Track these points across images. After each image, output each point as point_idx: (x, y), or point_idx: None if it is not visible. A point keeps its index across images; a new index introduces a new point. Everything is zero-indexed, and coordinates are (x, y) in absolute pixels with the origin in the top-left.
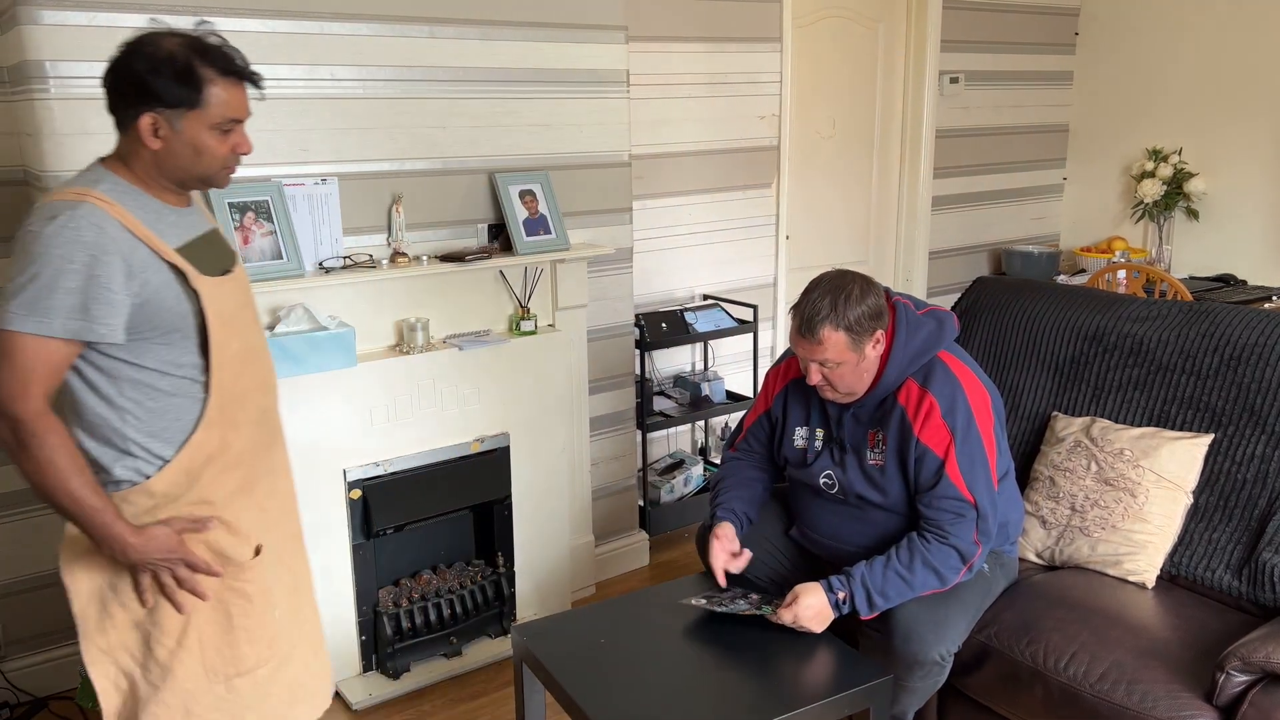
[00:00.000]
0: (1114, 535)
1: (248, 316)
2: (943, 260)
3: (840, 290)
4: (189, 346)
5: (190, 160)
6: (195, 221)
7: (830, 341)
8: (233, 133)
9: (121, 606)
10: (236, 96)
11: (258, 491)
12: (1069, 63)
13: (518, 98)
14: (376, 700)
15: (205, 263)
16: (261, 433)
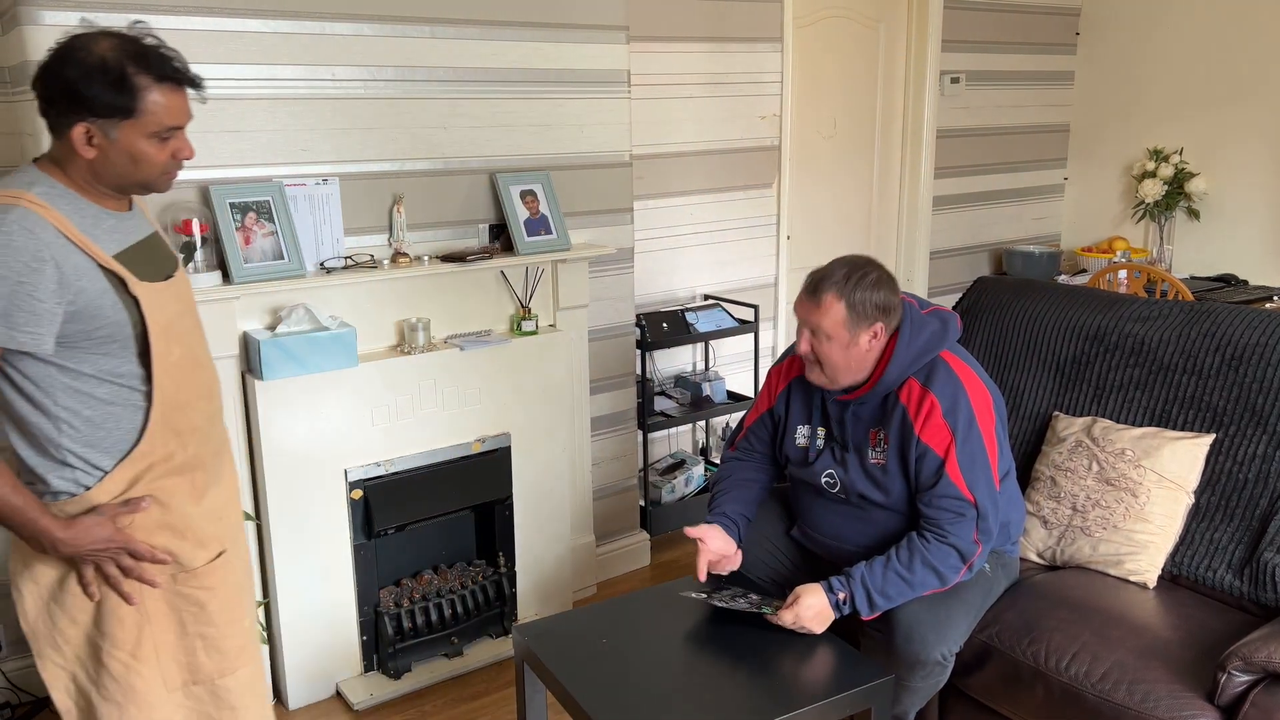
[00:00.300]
0: (1115, 535)
1: (189, 323)
2: (944, 260)
3: (859, 269)
4: (128, 355)
5: (128, 169)
6: (135, 226)
7: (829, 308)
8: (173, 139)
9: (71, 621)
10: (175, 102)
11: (210, 499)
12: (1070, 63)
13: (519, 98)
14: (377, 700)
15: (145, 269)
16: (208, 440)
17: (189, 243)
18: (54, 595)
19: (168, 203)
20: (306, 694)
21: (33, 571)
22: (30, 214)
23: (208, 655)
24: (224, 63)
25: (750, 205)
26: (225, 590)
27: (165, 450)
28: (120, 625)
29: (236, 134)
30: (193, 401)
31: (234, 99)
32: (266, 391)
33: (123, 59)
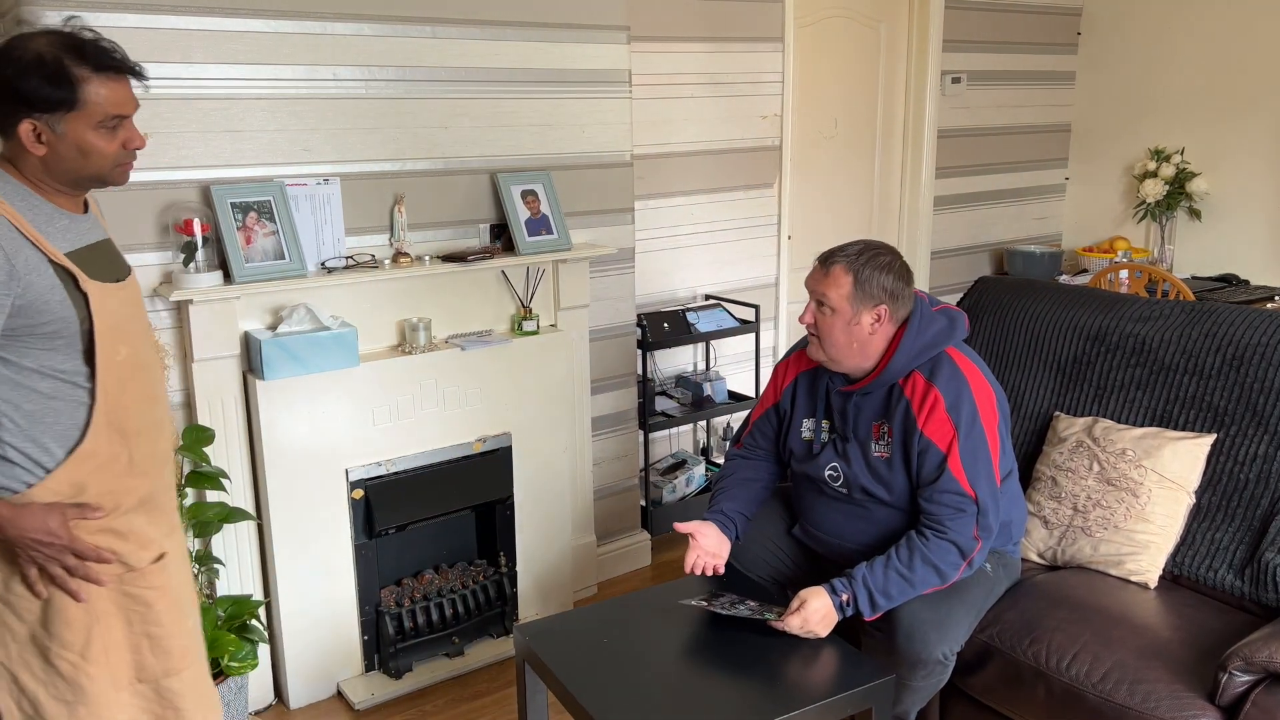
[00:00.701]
0: (1116, 535)
1: (138, 328)
2: (945, 260)
3: (874, 249)
4: (72, 352)
5: (78, 162)
6: (89, 229)
7: (836, 279)
8: (120, 129)
9: (18, 619)
10: (117, 92)
11: (160, 504)
12: (1071, 62)
13: (520, 98)
14: (378, 700)
15: (96, 270)
16: (153, 448)
17: (190, 242)
18: (1, 596)
19: (168, 203)
20: (307, 694)
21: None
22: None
23: (154, 655)
24: (225, 62)
25: (751, 205)
26: (170, 591)
27: (110, 451)
28: (68, 627)
29: (238, 134)
30: (137, 403)
31: (235, 99)
32: (268, 391)
33: (59, 53)
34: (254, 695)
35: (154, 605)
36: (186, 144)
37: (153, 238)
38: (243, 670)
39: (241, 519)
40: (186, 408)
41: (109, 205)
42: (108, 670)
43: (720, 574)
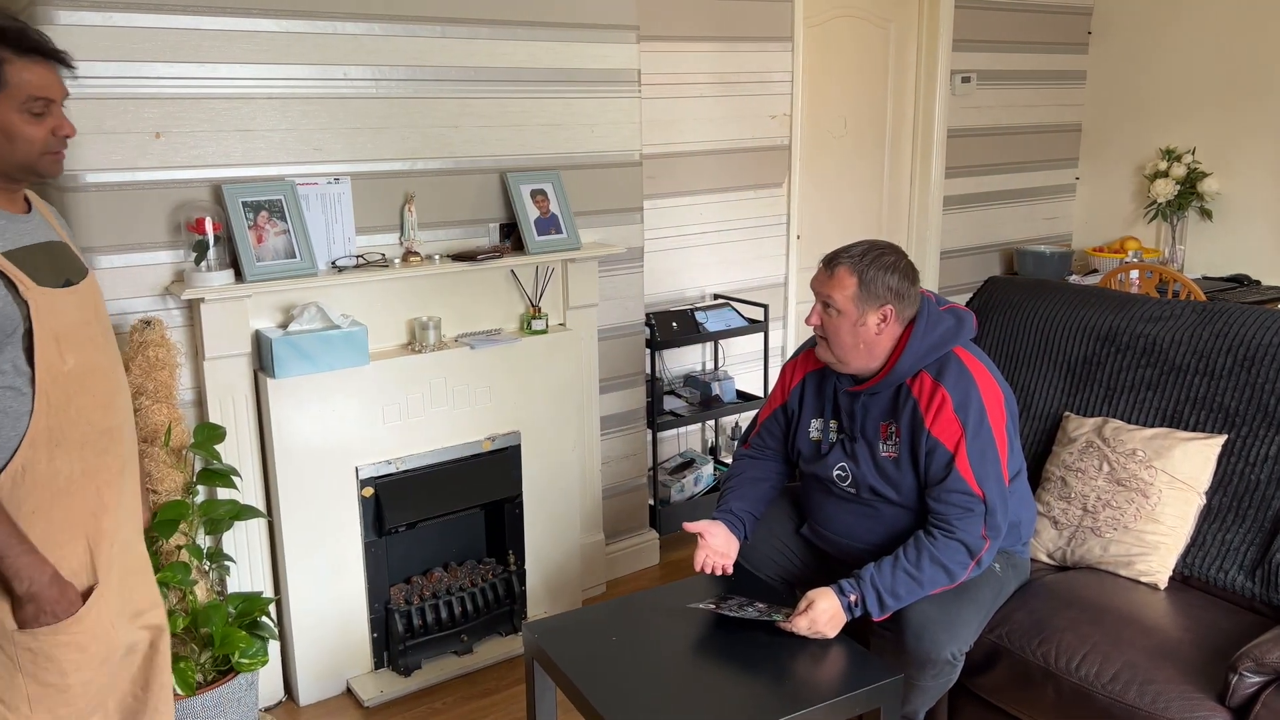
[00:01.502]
0: (1126, 536)
1: (92, 333)
2: (954, 260)
3: (878, 249)
4: (14, 355)
5: (6, 150)
6: (32, 229)
7: (841, 281)
8: (48, 115)
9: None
10: (41, 75)
11: (102, 523)
12: (1081, 62)
13: (529, 97)
14: (387, 697)
15: (41, 272)
16: (104, 459)
17: (202, 241)
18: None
19: (180, 202)
20: (317, 691)
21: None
22: None
23: (85, 697)
24: (237, 62)
25: (760, 205)
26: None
27: (50, 468)
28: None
29: (249, 133)
30: (86, 413)
31: (247, 98)
32: (278, 389)
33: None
34: (264, 692)
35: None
36: (198, 143)
37: (165, 236)
38: (253, 667)
39: (252, 516)
40: (198, 405)
41: (120, 204)
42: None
43: (729, 574)
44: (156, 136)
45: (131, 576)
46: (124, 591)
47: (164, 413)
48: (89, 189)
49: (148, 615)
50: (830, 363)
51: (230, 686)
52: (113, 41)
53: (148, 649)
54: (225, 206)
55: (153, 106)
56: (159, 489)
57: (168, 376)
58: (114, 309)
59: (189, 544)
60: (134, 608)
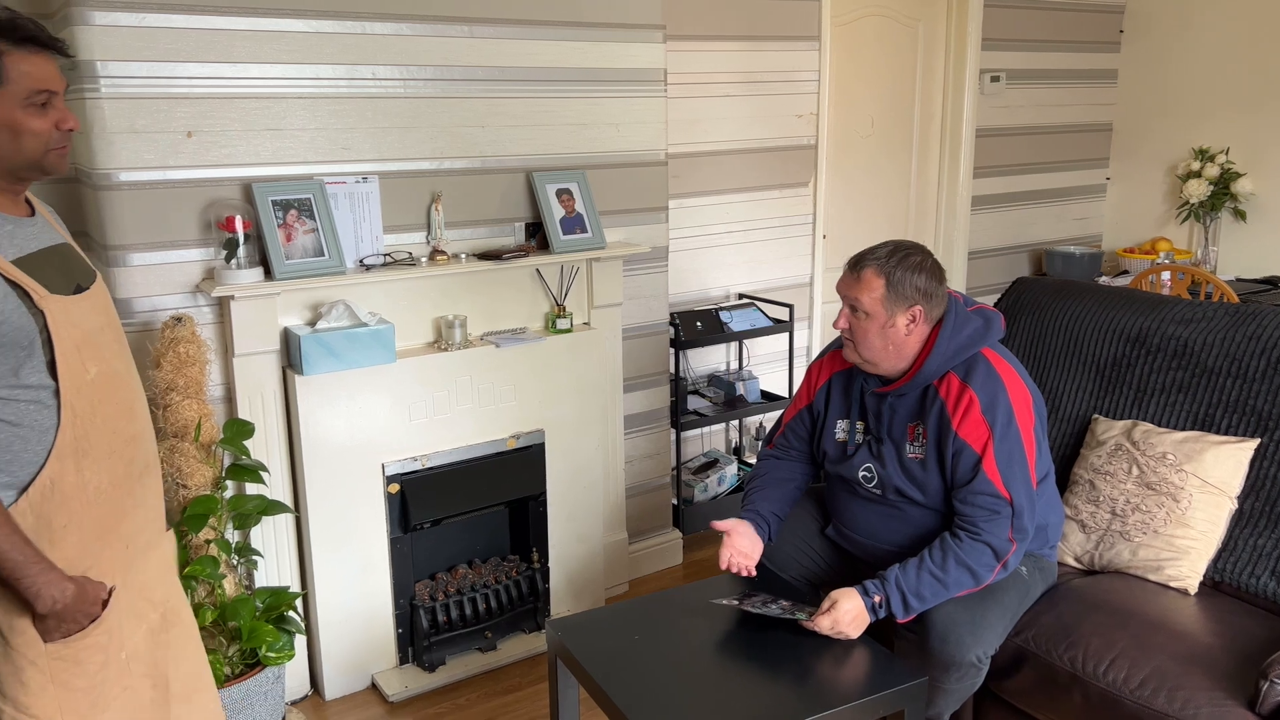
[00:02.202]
0: (1156, 540)
1: (109, 337)
2: (982, 260)
3: (904, 250)
4: (37, 366)
5: (10, 146)
6: (38, 233)
7: (868, 283)
8: (51, 107)
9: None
10: (40, 67)
11: (124, 526)
12: (1113, 60)
13: (556, 97)
14: (412, 693)
15: (51, 278)
16: (130, 467)
17: (232, 239)
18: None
19: (210, 200)
20: (342, 685)
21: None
22: None
23: (112, 694)
24: (267, 62)
25: (786, 204)
26: (108, 632)
27: (78, 479)
28: (24, 689)
29: (279, 132)
30: (110, 421)
31: (277, 98)
32: (307, 386)
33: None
34: (290, 686)
35: (108, 650)
36: (229, 142)
37: (195, 234)
38: (280, 661)
39: (279, 512)
40: (227, 401)
41: (152, 202)
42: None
43: (753, 575)
44: (188, 136)
45: (151, 577)
46: (143, 591)
47: (194, 408)
48: (122, 188)
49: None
50: (858, 364)
51: (257, 680)
52: (146, 42)
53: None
54: (255, 205)
55: (185, 106)
56: (189, 484)
57: (198, 373)
58: (146, 306)
59: (218, 538)
60: (161, 609)
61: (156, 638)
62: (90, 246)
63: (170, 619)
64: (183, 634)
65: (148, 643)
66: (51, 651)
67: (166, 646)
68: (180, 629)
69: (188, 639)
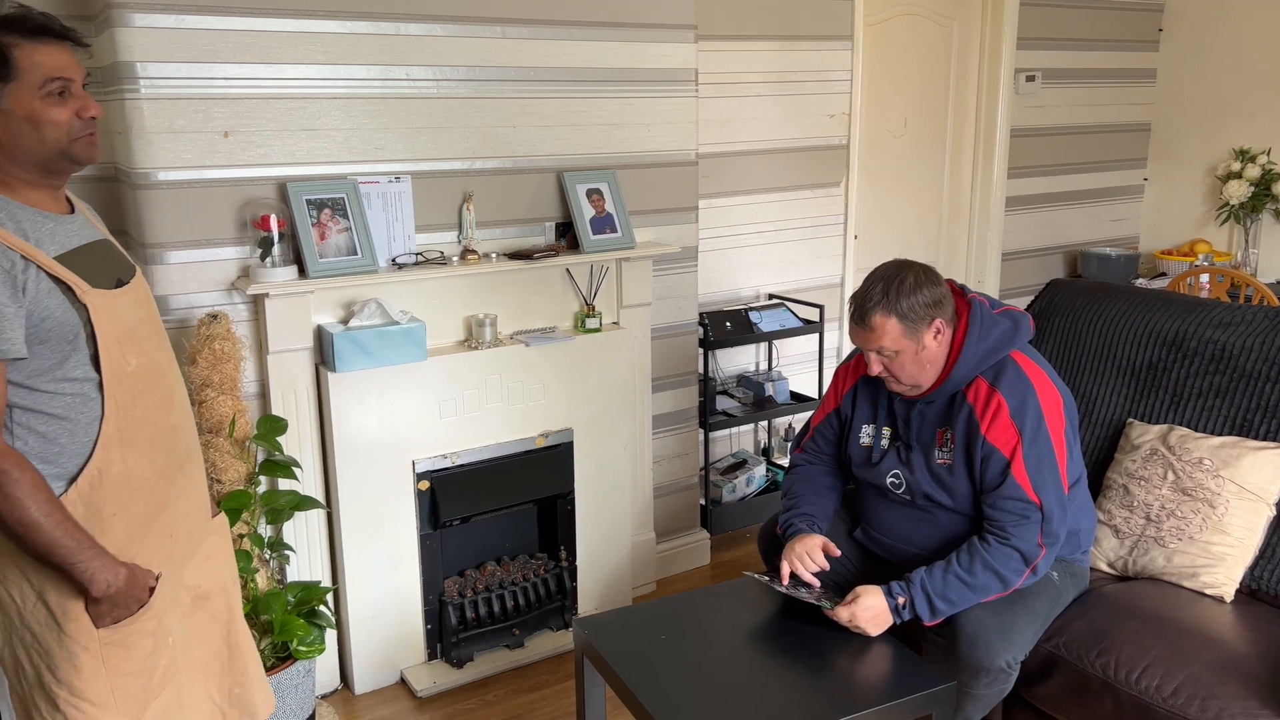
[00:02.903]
0: (1191, 546)
1: (148, 330)
2: (1016, 262)
3: (894, 278)
4: (80, 360)
5: (34, 138)
6: (78, 230)
7: (883, 328)
8: (69, 95)
9: (29, 659)
10: (54, 56)
11: (167, 514)
12: (1152, 60)
13: (587, 97)
14: (440, 688)
15: (93, 273)
16: (171, 456)
17: (267, 238)
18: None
19: (246, 199)
20: (372, 680)
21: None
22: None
23: (156, 680)
24: (303, 63)
25: (817, 204)
26: (155, 617)
27: (124, 468)
28: (77, 673)
29: (313, 132)
30: (151, 412)
31: (312, 98)
32: (339, 383)
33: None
34: (321, 680)
35: (154, 635)
36: (264, 142)
37: (231, 233)
38: (310, 654)
39: (311, 507)
40: (261, 398)
41: (189, 201)
42: (117, 714)
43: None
44: (225, 136)
45: (190, 564)
46: (182, 579)
47: (229, 404)
48: (160, 186)
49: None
50: (905, 393)
51: (288, 673)
52: (184, 43)
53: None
54: (290, 204)
55: (222, 106)
56: (223, 479)
57: (233, 369)
58: (182, 303)
59: (250, 533)
60: (192, 593)
61: (185, 619)
62: (129, 245)
63: (198, 601)
64: (208, 618)
65: (178, 624)
66: (103, 637)
67: (192, 628)
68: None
69: (213, 621)
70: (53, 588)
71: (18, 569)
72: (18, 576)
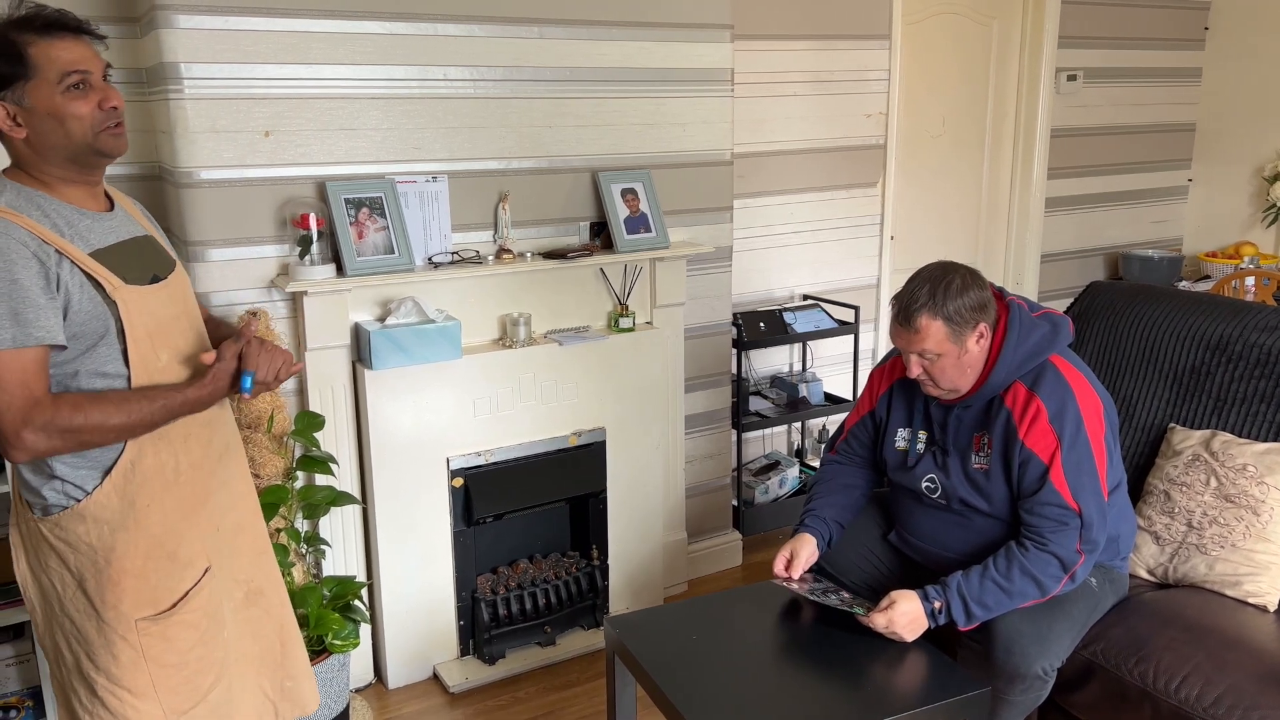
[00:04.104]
0: (1234, 554)
1: (183, 326)
2: (1056, 264)
3: (940, 280)
4: (113, 354)
5: (60, 133)
6: (117, 226)
7: (928, 331)
8: (89, 88)
9: (68, 647)
10: (70, 50)
11: (209, 508)
12: (1197, 59)
13: (622, 97)
14: (472, 684)
15: (128, 268)
16: (207, 450)
17: (306, 236)
18: (58, 621)
19: (286, 198)
20: (405, 675)
21: (38, 586)
22: (2, 219)
23: (204, 675)
24: (342, 63)
25: (853, 204)
26: (206, 613)
27: (156, 460)
28: (115, 661)
29: (352, 132)
30: None
31: (351, 98)
32: (375, 380)
33: (4, 29)
34: (355, 673)
35: (199, 626)
36: (304, 141)
37: (271, 231)
38: (345, 648)
39: (347, 503)
40: (299, 394)
41: (230, 200)
42: (158, 704)
43: (791, 578)
44: (266, 135)
45: (240, 558)
46: (231, 571)
47: (267, 400)
48: (203, 185)
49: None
50: (942, 397)
51: (323, 666)
52: (227, 44)
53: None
54: (328, 203)
55: (263, 107)
56: (261, 474)
57: None
58: (222, 300)
59: (288, 527)
60: (245, 587)
61: (238, 614)
62: (172, 242)
63: (253, 596)
64: (261, 613)
65: (231, 619)
66: (141, 628)
67: (246, 623)
68: (261, 607)
69: (267, 617)
70: (92, 576)
71: (59, 557)
72: (58, 564)
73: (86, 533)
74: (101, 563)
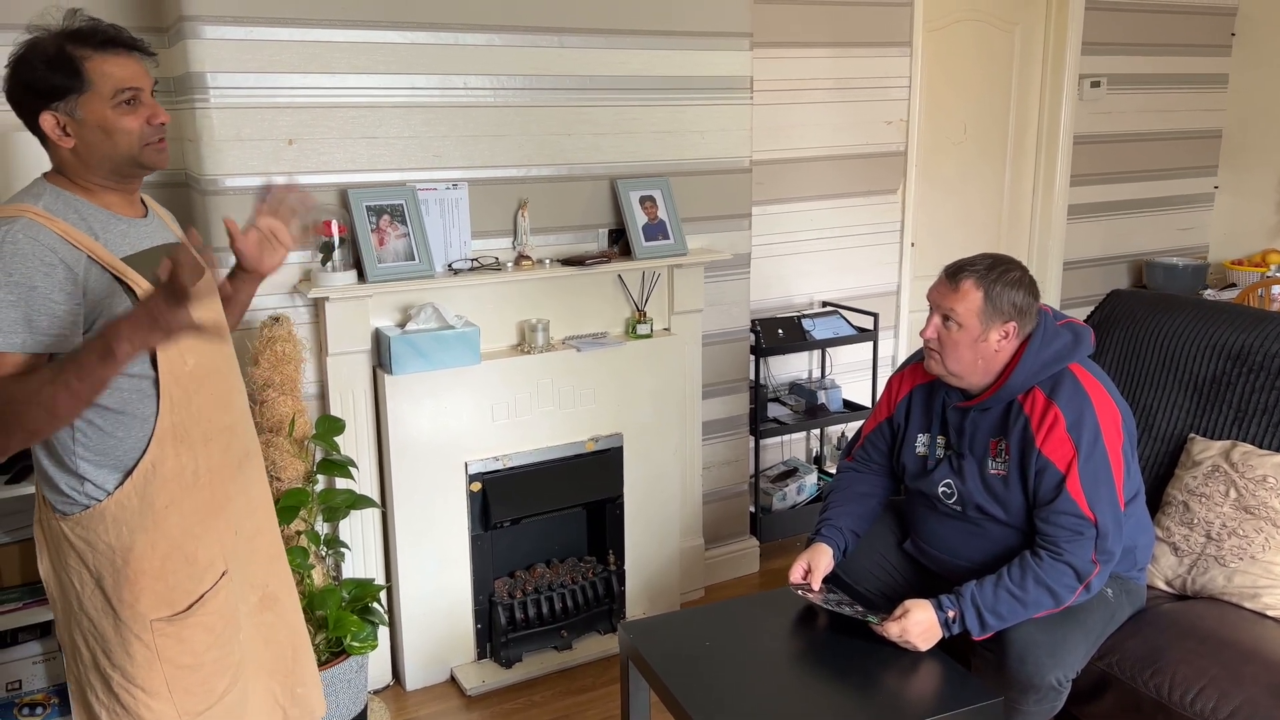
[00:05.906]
0: (1253, 567)
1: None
2: (1079, 271)
3: (1003, 264)
4: (139, 357)
5: (107, 145)
6: (151, 232)
7: (966, 294)
8: (139, 104)
9: (84, 643)
10: (123, 67)
11: (228, 513)
12: (1224, 65)
13: (641, 105)
14: (489, 687)
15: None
16: (227, 454)
17: (328, 243)
18: (75, 617)
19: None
20: (422, 677)
21: (59, 582)
22: (33, 223)
23: (220, 677)
24: (364, 72)
25: (873, 211)
26: (222, 616)
27: (177, 463)
28: (130, 660)
29: (374, 140)
30: (206, 411)
31: (373, 107)
32: (395, 385)
33: (60, 41)
34: (373, 675)
35: (215, 629)
36: (327, 149)
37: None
38: (363, 650)
39: (367, 506)
40: (320, 398)
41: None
42: (171, 705)
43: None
44: (289, 143)
45: (256, 563)
46: (248, 576)
47: (288, 405)
48: (227, 193)
49: (259, 586)
50: (941, 376)
51: (342, 668)
52: (252, 54)
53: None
54: (350, 210)
55: (287, 115)
56: (282, 477)
57: (293, 370)
58: None
59: (308, 530)
60: (261, 592)
61: (253, 619)
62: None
63: (267, 602)
64: (275, 619)
65: (245, 623)
66: (157, 628)
67: (260, 628)
68: (276, 613)
69: (280, 622)
70: (110, 575)
71: (77, 555)
72: (77, 563)
73: (106, 532)
74: (119, 562)
